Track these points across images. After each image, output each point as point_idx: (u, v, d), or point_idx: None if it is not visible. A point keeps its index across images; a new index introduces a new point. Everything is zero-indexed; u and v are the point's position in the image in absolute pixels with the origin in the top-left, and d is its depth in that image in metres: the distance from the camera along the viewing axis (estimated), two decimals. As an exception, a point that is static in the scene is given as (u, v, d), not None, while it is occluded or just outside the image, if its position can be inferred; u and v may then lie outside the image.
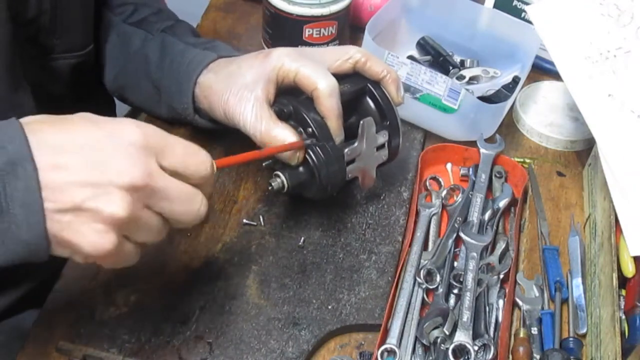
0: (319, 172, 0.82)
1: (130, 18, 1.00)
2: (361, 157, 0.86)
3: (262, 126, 0.82)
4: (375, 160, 0.88)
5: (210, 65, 0.89)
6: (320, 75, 0.82)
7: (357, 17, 1.17)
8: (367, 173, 0.87)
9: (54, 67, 0.92)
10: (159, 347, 0.78)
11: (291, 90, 0.85)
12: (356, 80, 0.87)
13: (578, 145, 1.06)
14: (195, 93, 0.90)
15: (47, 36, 0.89)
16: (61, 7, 0.87)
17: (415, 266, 0.85)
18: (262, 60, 0.85)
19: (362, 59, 0.86)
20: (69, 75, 0.94)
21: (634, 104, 0.87)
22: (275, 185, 0.82)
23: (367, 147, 0.85)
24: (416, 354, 0.79)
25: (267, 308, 0.82)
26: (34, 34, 0.87)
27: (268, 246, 0.88)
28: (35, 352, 0.78)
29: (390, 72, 0.87)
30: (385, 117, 0.88)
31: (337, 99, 0.82)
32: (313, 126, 0.82)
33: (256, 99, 0.83)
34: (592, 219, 0.92)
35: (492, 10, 1.15)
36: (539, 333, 0.83)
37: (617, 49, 0.90)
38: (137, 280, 0.83)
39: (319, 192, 0.84)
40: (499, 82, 1.10)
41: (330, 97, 0.82)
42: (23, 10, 0.83)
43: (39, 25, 0.86)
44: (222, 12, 1.25)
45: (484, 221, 0.92)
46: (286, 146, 0.81)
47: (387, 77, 0.87)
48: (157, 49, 0.96)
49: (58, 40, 0.90)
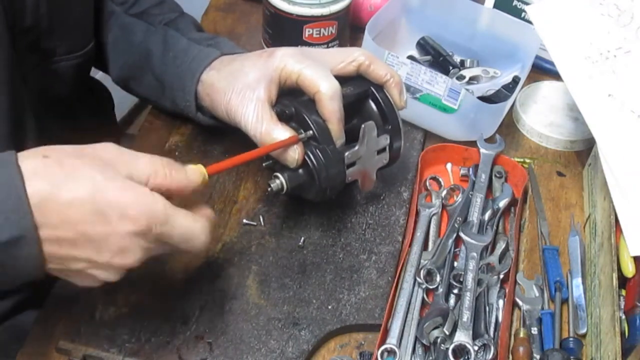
0: (319, 174, 0.82)
1: (132, 9, 1.00)
2: (362, 160, 0.85)
3: (263, 127, 0.82)
4: (375, 163, 0.88)
5: (213, 63, 0.89)
6: (323, 77, 0.82)
7: (357, 17, 1.17)
8: (367, 176, 0.87)
9: (57, 70, 0.92)
10: (159, 347, 0.78)
11: (294, 90, 0.85)
12: (359, 83, 0.87)
13: (578, 145, 1.06)
14: (197, 91, 0.90)
15: (48, 40, 0.88)
16: (59, 10, 0.86)
17: (415, 266, 0.85)
18: (265, 59, 0.85)
19: (365, 62, 0.86)
20: (72, 76, 0.94)
21: (634, 104, 0.87)
22: (274, 187, 0.82)
23: (367, 151, 0.85)
24: (416, 354, 0.79)
25: (267, 308, 0.82)
26: (35, 41, 0.86)
27: (268, 246, 0.88)
28: (35, 352, 0.78)
29: (394, 76, 0.87)
30: (387, 120, 0.88)
31: (339, 102, 0.82)
32: (314, 128, 0.82)
33: (258, 99, 0.83)
34: (592, 219, 0.92)
35: (492, 10, 1.15)
36: (539, 333, 0.83)
37: (617, 49, 0.90)
38: (137, 280, 0.82)
39: (318, 195, 0.84)
40: (499, 82, 1.10)
41: (332, 100, 0.81)
42: (20, 19, 0.82)
43: (39, 30, 0.86)
44: (222, 12, 1.25)
45: (484, 221, 0.92)
46: (280, 143, 0.80)
47: (390, 81, 0.87)
48: (159, 43, 0.95)
49: (59, 43, 0.90)
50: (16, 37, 0.82)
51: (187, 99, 0.91)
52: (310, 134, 0.82)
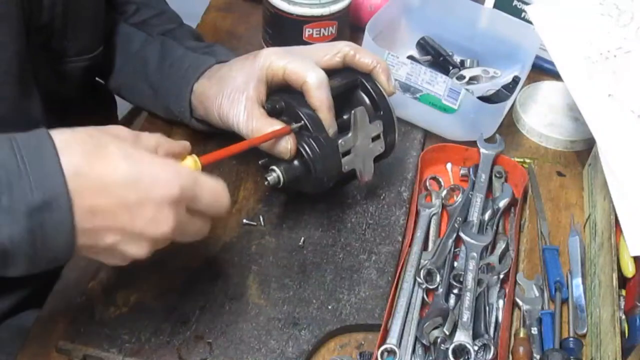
0: (314, 163, 0.82)
1: (132, 18, 1.01)
2: (356, 148, 0.85)
3: (254, 124, 0.83)
4: (371, 151, 0.87)
5: (206, 72, 0.91)
6: (309, 68, 0.83)
7: (357, 17, 1.17)
8: (364, 165, 0.87)
9: (66, 70, 0.93)
10: (159, 347, 0.78)
11: (283, 88, 0.86)
12: (346, 74, 0.88)
13: (578, 145, 1.06)
14: (191, 100, 0.92)
15: (60, 40, 0.89)
16: (73, 11, 0.87)
17: (415, 266, 0.85)
18: (251, 61, 0.86)
19: (350, 52, 0.87)
20: (79, 78, 0.95)
21: (634, 104, 0.87)
22: (271, 180, 0.82)
23: (361, 138, 0.85)
24: (416, 354, 0.79)
25: (267, 308, 0.82)
26: (47, 39, 0.87)
27: (268, 246, 0.88)
28: (35, 352, 0.78)
29: (380, 63, 0.88)
30: (379, 107, 0.88)
31: (326, 90, 0.83)
32: (305, 118, 0.82)
33: (247, 99, 0.84)
34: (592, 219, 0.92)
35: (492, 10, 1.15)
36: (539, 333, 0.83)
37: (617, 49, 0.90)
38: (137, 280, 0.83)
39: (315, 186, 0.84)
40: (499, 82, 1.10)
41: (319, 89, 0.82)
42: (37, 16, 0.83)
43: (52, 30, 0.87)
44: (222, 12, 1.25)
45: (484, 221, 0.92)
46: (272, 133, 0.81)
47: (377, 68, 0.87)
48: (156, 52, 0.96)
49: (70, 43, 0.90)
50: (30, 34, 0.82)
51: (182, 106, 0.93)
52: (302, 124, 0.83)
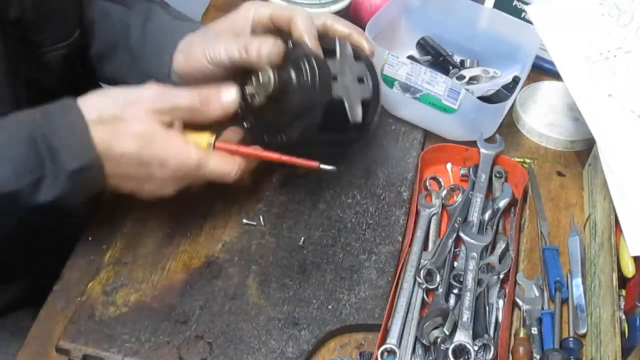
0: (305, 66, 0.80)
1: None
2: (344, 80, 0.85)
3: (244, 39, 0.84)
4: (358, 92, 0.86)
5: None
6: (296, 8, 0.88)
7: (357, 17, 1.17)
8: (353, 103, 0.85)
9: (46, 61, 0.92)
10: (159, 347, 0.78)
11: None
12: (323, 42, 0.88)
13: (578, 145, 1.06)
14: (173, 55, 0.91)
15: (35, 31, 0.88)
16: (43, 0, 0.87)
17: (415, 266, 0.85)
18: (233, 14, 0.90)
19: (327, 21, 0.89)
20: (61, 67, 0.94)
21: (634, 104, 0.87)
22: (262, 78, 0.80)
23: (348, 71, 0.85)
24: (416, 354, 0.79)
25: (267, 308, 0.82)
26: (23, 33, 0.87)
27: (268, 246, 0.88)
28: (35, 352, 0.78)
29: (356, 28, 0.90)
30: (361, 59, 0.88)
31: (313, 23, 0.86)
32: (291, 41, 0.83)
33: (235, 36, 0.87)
34: (592, 219, 0.92)
35: (492, 10, 1.15)
36: (539, 333, 0.83)
37: (617, 49, 0.90)
38: (137, 280, 0.83)
39: (305, 98, 0.81)
40: (499, 82, 1.10)
41: (307, 20, 0.85)
42: (6, 10, 0.83)
43: (26, 22, 0.86)
44: (222, 12, 1.24)
45: (484, 221, 0.92)
46: (300, 161, 0.83)
47: (354, 34, 0.89)
48: (141, 15, 0.96)
49: (45, 33, 0.90)
50: (5, 30, 0.82)
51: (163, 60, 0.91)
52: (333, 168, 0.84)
